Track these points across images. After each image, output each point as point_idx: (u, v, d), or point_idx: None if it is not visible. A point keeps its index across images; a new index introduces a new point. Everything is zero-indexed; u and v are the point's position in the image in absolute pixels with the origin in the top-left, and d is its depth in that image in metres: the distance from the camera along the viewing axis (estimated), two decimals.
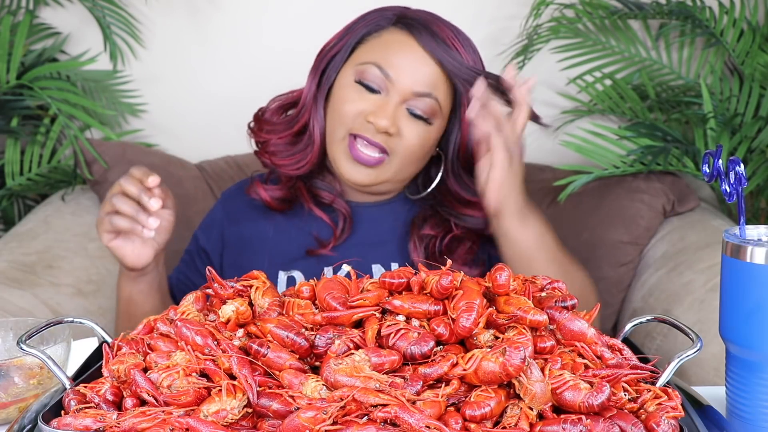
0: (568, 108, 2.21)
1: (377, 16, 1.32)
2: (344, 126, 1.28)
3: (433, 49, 1.26)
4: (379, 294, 0.85)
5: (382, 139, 1.26)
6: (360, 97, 1.27)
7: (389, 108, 1.25)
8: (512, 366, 0.74)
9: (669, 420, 0.73)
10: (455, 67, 1.26)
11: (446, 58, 1.26)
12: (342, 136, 1.29)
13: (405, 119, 1.27)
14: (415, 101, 1.27)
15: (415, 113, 1.27)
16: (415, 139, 1.28)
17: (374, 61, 1.27)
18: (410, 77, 1.26)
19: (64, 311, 1.59)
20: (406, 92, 1.26)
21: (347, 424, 0.71)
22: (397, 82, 1.26)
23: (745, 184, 0.85)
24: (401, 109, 1.27)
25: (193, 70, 2.22)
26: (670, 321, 0.89)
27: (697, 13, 2.05)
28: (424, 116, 1.28)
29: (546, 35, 2.08)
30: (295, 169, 1.36)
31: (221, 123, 2.21)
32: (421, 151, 1.30)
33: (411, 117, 1.27)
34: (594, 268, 1.88)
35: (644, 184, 1.89)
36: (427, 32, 1.27)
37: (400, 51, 1.27)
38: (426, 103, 1.27)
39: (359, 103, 1.27)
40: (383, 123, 1.24)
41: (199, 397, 0.76)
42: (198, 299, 0.92)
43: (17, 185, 2.08)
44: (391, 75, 1.26)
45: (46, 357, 0.84)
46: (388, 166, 1.29)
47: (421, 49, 1.26)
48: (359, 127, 1.27)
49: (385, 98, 1.26)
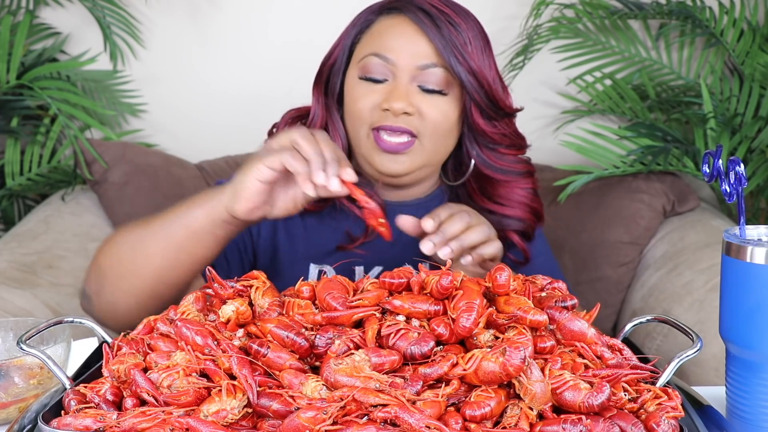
0: (568, 108, 2.21)
1: (365, 13, 1.32)
2: (364, 123, 1.27)
3: (420, 21, 1.25)
4: (379, 294, 0.85)
5: (405, 121, 1.25)
6: (369, 91, 1.26)
7: (400, 90, 1.24)
8: (512, 366, 0.74)
9: (669, 420, 0.73)
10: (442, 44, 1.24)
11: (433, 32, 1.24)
12: (365, 133, 1.27)
13: (419, 97, 1.25)
14: (424, 75, 1.25)
15: (427, 88, 1.25)
16: (437, 114, 1.26)
17: (372, 51, 1.26)
18: (408, 53, 1.24)
19: (64, 311, 1.59)
20: (411, 69, 1.25)
21: (347, 424, 0.71)
22: (399, 63, 1.24)
23: (745, 184, 0.85)
24: (413, 87, 1.25)
25: (193, 70, 2.23)
26: (670, 321, 0.89)
27: (697, 13, 2.05)
28: (438, 89, 1.25)
29: (546, 35, 2.08)
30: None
31: (221, 123, 2.21)
32: (446, 125, 1.28)
33: (425, 93, 1.25)
34: (594, 268, 1.88)
35: (644, 184, 1.89)
36: (413, 7, 1.26)
37: (392, 33, 1.26)
38: (435, 75, 1.25)
39: (370, 97, 1.26)
40: (399, 105, 1.23)
41: (199, 397, 0.76)
42: (198, 299, 0.92)
43: (17, 185, 2.08)
44: (390, 58, 1.25)
45: (46, 357, 0.84)
46: (420, 148, 1.27)
47: (412, 24, 1.25)
48: (378, 118, 1.25)
49: (393, 83, 1.25)
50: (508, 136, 1.31)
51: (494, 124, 1.30)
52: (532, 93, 2.22)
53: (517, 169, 1.34)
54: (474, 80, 1.24)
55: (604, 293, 1.87)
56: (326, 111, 1.32)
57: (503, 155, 1.32)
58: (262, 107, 1.61)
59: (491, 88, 1.26)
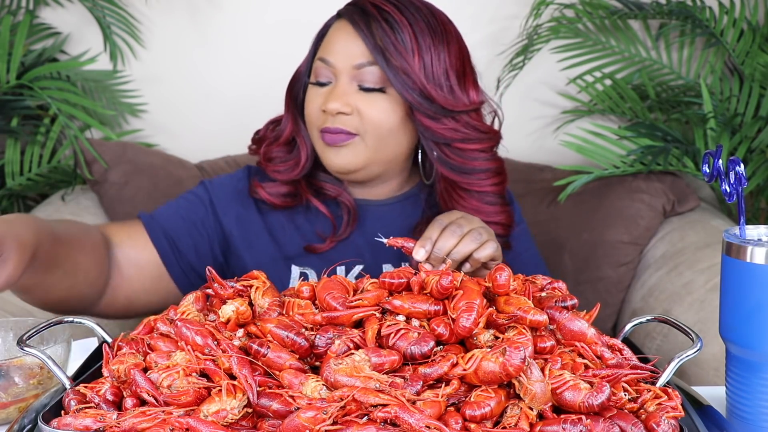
0: (568, 108, 2.21)
1: (328, 21, 1.36)
2: (314, 126, 1.31)
3: (354, 22, 1.27)
4: (379, 294, 0.85)
5: (341, 122, 1.27)
6: (316, 95, 1.30)
7: (338, 91, 1.27)
8: (512, 366, 0.74)
9: (669, 420, 0.73)
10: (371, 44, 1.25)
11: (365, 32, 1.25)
12: (317, 136, 1.31)
13: (358, 96, 1.27)
14: (362, 75, 1.27)
15: (366, 87, 1.27)
16: (376, 112, 1.27)
17: (319, 56, 1.30)
18: (345, 54, 1.27)
19: None
20: (348, 69, 1.27)
21: (347, 424, 0.71)
22: (337, 64, 1.27)
23: (745, 184, 0.85)
24: (352, 87, 1.27)
25: (193, 70, 2.23)
26: (670, 321, 0.89)
27: (697, 13, 2.05)
28: (376, 87, 1.27)
29: (546, 35, 2.08)
30: (288, 173, 1.38)
31: (221, 123, 2.21)
32: (388, 123, 1.28)
33: (364, 92, 1.27)
34: (594, 268, 1.88)
35: (644, 184, 1.89)
36: (354, 8, 1.29)
37: (334, 37, 1.30)
38: (372, 73, 1.27)
39: (316, 100, 1.30)
40: (332, 106, 1.26)
41: (199, 397, 0.76)
42: (198, 299, 0.92)
43: (17, 185, 2.08)
44: (330, 61, 1.28)
45: (46, 357, 0.84)
46: (362, 145, 1.28)
47: (349, 26, 1.28)
48: (322, 121, 1.29)
49: (334, 85, 1.28)
50: (460, 131, 1.29)
51: (441, 121, 1.29)
52: (532, 93, 2.22)
53: (480, 167, 1.32)
54: (406, 78, 1.24)
55: (604, 293, 1.87)
56: (293, 119, 1.37)
57: (462, 151, 1.31)
58: (262, 107, 1.60)
59: (425, 87, 1.25)
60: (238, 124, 2.15)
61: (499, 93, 2.11)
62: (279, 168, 1.38)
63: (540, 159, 2.15)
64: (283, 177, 1.37)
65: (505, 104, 2.11)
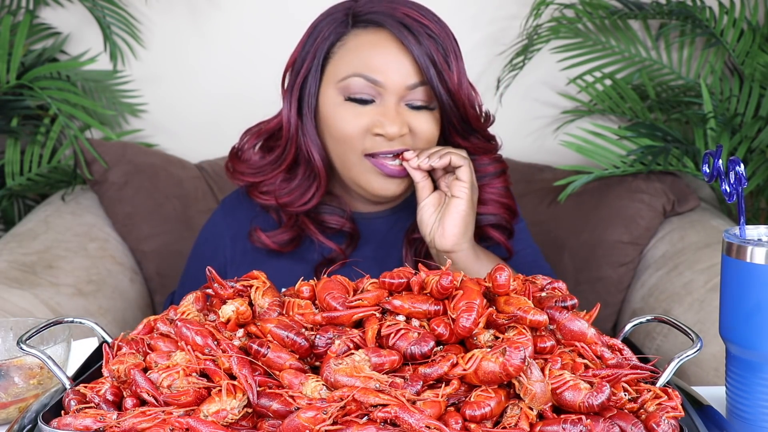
0: (568, 108, 2.21)
1: (330, 23, 1.27)
2: (354, 149, 1.24)
3: (403, 37, 1.21)
4: (379, 294, 0.85)
5: (400, 143, 1.23)
6: (356, 114, 1.23)
7: (390, 112, 1.21)
8: (512, 366, 0.74)
9: (669, 420, 0.73)
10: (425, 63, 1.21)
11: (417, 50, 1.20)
12: (357, 158, 1.24)
13: (410, 115, 1.23)
14: (411, 94, 1.23)
15: (416, 105, 1.24)
16: (427, 129, 1.24)
17: (355, 72, 1.22)
18: (396, 74, 1.21)
19: (64, 311, 1.59)
20: (400, 90, 1.22)
21: (347, 424, 0.71)
22: (387, 84, 1.21)
23: (745, 184, 0.85)
24: (401, 107, 1.23)
25: (193, 70, 2.23)
26: (670, 321, 0.89)
27: (697, 13, 2.05)
28: (425, 105, 1.24)
29: (546, 35, 2.08)
30: (302, 204, 1.30)
31: (221, 123, 2.21)
32: (435, 138, 1.27)
33: (414, 110, 1.24)
34: (594, 268, 1.88)
35: (644, 184, 1.90)
36: (393, 21, 1.22)
37: (377, 52, 1.22)
38: (422, 92, 1.23)
39: (358, 120, 1.22)
40: (393, 130, 1.21)
41: (199, 397, 0.76)
42: (198, 299, 0.92)
43: (17, 185, 2.08)
44: (378, 80, 1.21)
45: (46, 357, 0.84)
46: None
47: (395, 40, 1.21)
48: (372, 145, 1.23)
49: (381, 104, 1.22)
50: (481, 147, 1.31)
51: (469, 139, 1.30)
52: (532, 93, 2.22)
53: (490, 171, 1.33)
54: (450, 101, 1.23)
55: (604, 293, 1.87)
56: (299, 119, 1.28)
57: (474, 160, 1.31)
58: (262, 107, 1.60)
59: (465, 109, 1.24)
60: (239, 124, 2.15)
61: (499, 93, 2.11)
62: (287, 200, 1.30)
63: (540, 159, 2.15)
64: (294, 209, 1.30)
65: (505, 104, 2.12)
